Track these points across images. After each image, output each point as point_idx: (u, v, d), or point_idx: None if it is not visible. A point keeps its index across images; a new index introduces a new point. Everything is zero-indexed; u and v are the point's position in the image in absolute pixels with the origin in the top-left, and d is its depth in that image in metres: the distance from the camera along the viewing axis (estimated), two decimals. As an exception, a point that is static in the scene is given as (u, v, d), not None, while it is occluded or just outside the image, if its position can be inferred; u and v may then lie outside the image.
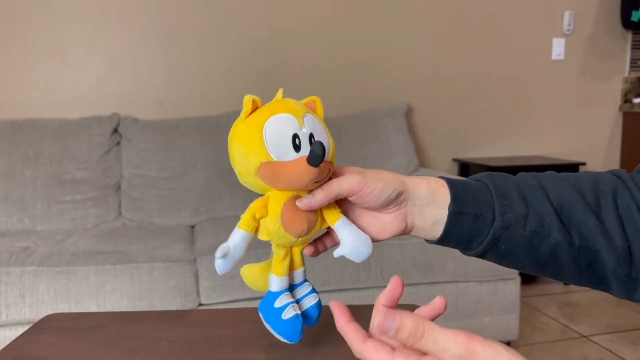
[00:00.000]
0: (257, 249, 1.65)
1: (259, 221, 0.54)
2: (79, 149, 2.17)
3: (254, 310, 0.82)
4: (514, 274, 1.97)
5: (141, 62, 2.48)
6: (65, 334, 0.72)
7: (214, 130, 2.28)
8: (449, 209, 0.54)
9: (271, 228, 0.54)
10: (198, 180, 2.20)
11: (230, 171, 0.54)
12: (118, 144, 2.26)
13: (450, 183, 0.56)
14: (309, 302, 0.58)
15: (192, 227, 2.13)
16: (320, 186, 0.53)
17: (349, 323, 0.43)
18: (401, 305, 0.81)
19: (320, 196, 0.53)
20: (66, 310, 1.61)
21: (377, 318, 0.40)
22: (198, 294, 1.73)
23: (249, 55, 2.56)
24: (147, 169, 2.21)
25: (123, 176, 2.22)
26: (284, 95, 0.56)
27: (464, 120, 2.87)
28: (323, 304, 0.60)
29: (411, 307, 0.79)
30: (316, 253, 0.58)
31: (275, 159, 0.51)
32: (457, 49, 2.81)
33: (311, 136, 0.52)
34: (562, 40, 2.95)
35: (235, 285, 1.71)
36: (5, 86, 2.37)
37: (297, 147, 0.51)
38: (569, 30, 2.95)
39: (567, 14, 2.93)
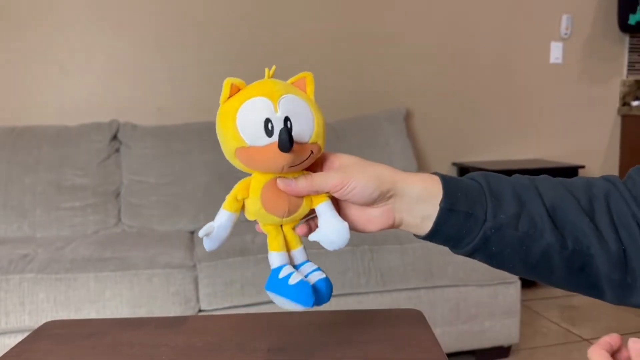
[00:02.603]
0: (257, 255, 1.62)
1: (242, 202, 0.54)
2: (78, 156, 2.17)
3: (254, 316, 0.81)
4: (514, 277, 1.96)
5: (140, 69, 2.48)
6: (64, 341, 0.71)
7: (213, 135, 2.26)
8: (440, 205, 0.54)
9: (252, 209, 0.54)
10: (197, 186, 2.20)
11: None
12: (117, 150, 2.26)
13: (444, 179, 0.55)
14: (316, 277, 0.56)
15: (192, 233, 2.12)
16: (303, 167, 0.53)
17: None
18: (402, 310, 0.81)
19: (303, 186, 0.53)
20: (66, 318, 1.60)
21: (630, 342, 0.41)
22: (198, 300, 1.72)
23: (247, 60, 2.56)
24: (147, 175, 2.21)
25: (122, 182, 2.22)
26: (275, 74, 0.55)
27: (463, 124, 2.87)
28: (324, 309, 0.60)
29: (412, 312, 0.79)
30: (309, 232, 0.57)
31: (248, 144, 0.51)
32: (455, 54, 2.82)
33: (286, 119, 0.51)
34: (560, 44, 2.96)
35: (235, 291, 1.70)
36: (4, 93, 2.37)
37: (269, 132, 0.50)
38: (566, 34, 2.96)
39: (564, 18, 2.94)
